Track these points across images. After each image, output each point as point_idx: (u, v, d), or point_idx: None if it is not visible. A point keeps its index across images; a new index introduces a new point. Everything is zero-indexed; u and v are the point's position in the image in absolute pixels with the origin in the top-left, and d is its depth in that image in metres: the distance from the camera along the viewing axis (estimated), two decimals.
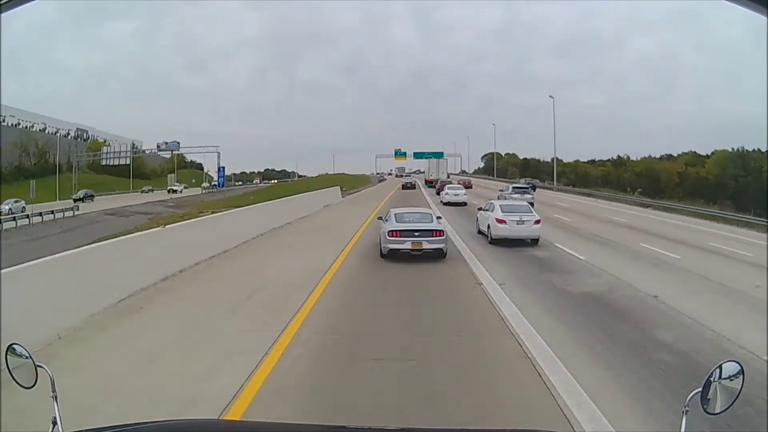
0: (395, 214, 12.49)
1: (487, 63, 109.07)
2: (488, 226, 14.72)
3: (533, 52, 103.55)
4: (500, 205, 15.13)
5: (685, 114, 76.53)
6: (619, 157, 60.07)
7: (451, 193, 29.35)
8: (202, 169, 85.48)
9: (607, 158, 60.61)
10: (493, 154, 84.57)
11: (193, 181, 68.43)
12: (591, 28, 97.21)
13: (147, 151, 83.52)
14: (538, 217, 14.57)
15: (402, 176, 66.47)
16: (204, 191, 62.94)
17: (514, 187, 30.25)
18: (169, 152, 64.45)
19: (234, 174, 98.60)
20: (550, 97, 48.24)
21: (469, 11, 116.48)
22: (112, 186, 54.72)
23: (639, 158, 54.90)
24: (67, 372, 4.81)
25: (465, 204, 27.24)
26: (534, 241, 14.39)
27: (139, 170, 66.76)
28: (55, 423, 1.50)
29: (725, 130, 69.42)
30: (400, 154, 72.01)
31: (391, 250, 11.55)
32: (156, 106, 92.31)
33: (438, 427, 4.21)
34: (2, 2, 1.62)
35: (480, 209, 16.68)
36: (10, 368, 1.59)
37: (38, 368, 1.57)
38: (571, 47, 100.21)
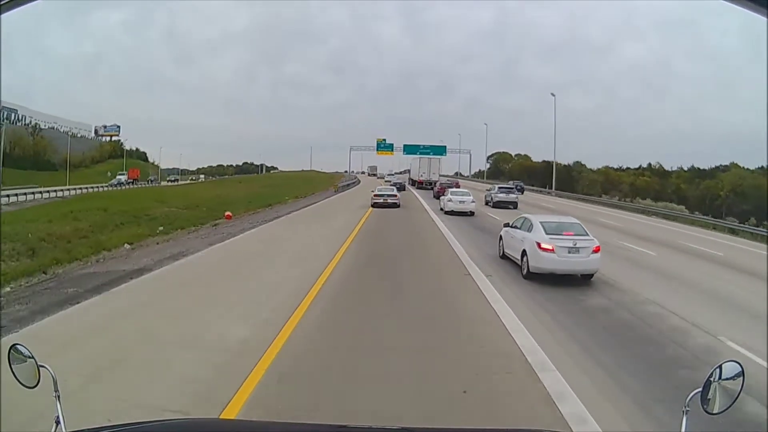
0: (378, 188, 28.69)
1: (485, 62, 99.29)
2: (523, 253, 10.89)
3: (529, 53, 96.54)
4: (542, 223, 10.97)
5: (676, 122, 71.82)
6: (650, 165, 51.97)
7: (455, 199, 23.90)
8: (146, 159, 70.16)
9: (635, 166, 51.49)
10: (499, 154, 68.17)
11: (109, 174, 52.69)
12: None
13: (82, 136, 69.07)
14: (597, 242, 10.44)
15: (376, 175, 57.27)
16: None
17: (499, 187, 30.46)
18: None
19: (210, 167, 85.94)
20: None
21: (465, 11, 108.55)
22: None
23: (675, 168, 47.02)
24: None
25: (472, 213, 23.29)
26: (586, 277, 10.40)
27: (42, 158, 51.34)
28: (58, 422, 1.53)
29: (719, 141, 63.49)
30: (383, 146, 55.27)
31: (375, 203, 25.22)
32: (138, 98, 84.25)
33: (438, 427, 3.96)
34: (2, 3, 1.64)
35: (507, 225, 12.61)
36: (13, 368, 1.61)
37: (41, 368, 1.60)
38: (563, 50, 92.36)
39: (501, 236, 12.95)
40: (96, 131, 69.47)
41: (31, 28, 56.71)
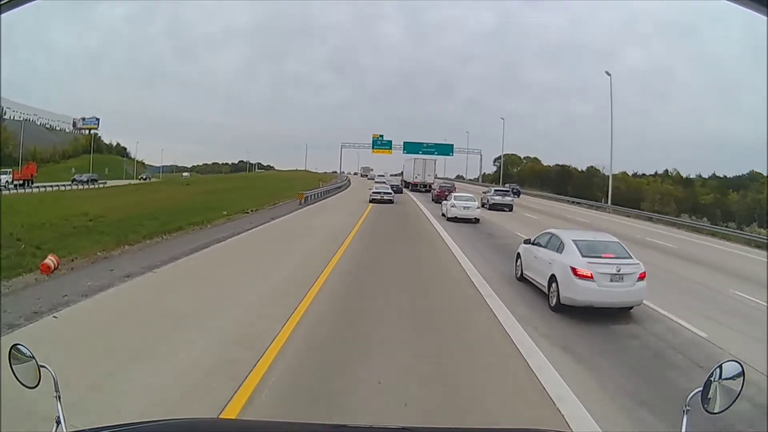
0: (375, 186, 32.34)
1: (486, 63, 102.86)
2: (551, 279, 8.84)
3: (530, 55, 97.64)
4: (575, 242, 8.91)
5: (677, 127, 70.91)
6: (667, 171, 49.69)
7: (459, 205, 21.74)
8: (124, 155, 65.48)
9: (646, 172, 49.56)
10: (507, 156, 62.81)
11: (73, 170, 47.73)
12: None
13: (60, 129, 64.51)
14: (642, 268, 8.50)
15: (367, 176, 56.54)
16: None
17: (495, 190, 30.72)
18: None
19: (205, 165, 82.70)
20: None
21: (466, 11, 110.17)
22: None
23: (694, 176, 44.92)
24: None
25: (477, 220, 21.49)
26: (624, 309, 8.59)
27: (3, 152, 46.52)
28: (58, 422, 1.52)
29: (718, 147, 62.59)
30: (380, 144, 49.97)
31: (373, 199, 29.06)
32: (134, 93, 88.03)
33: (438, 427, 3.80)
34: (2, 3, 1.65)
35: (527, 242, 10.67)
36: (14, 368, 1.59)
37: (41, 368, 1.58)
38: (564, 53, 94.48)
39: (519, 254, 11.09)
40: (74, 124, 65.01)
41: (29, 20, 53.07)
